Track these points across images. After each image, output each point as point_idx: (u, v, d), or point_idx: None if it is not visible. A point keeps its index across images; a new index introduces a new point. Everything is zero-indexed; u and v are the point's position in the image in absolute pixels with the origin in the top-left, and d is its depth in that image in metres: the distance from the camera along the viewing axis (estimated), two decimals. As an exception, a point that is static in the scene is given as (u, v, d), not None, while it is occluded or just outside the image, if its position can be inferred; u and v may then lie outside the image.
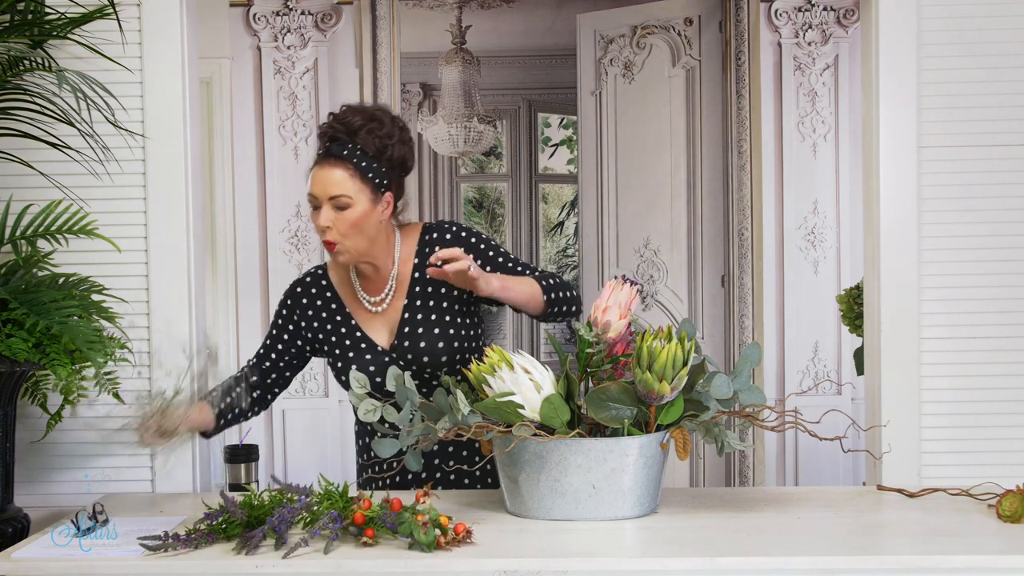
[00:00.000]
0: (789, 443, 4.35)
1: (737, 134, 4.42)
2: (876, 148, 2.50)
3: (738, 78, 4.41)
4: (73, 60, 2.44)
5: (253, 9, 4.32)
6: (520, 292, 2.27)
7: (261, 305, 4.37)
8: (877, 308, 2.50)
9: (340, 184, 2.25)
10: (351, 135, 2.27)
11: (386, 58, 4.39)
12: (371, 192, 2.28)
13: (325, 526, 1.86)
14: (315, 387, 4.39)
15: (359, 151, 2.27)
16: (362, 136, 2.27)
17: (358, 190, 2.26)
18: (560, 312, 2.33)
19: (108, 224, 2.44)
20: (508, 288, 2.24)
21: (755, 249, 4.34)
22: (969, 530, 2.01)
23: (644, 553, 1.88)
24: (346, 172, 2.26)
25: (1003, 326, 2.48)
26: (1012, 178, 2.48)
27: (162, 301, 2.49)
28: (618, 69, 4.82)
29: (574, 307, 2.35)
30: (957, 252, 2.48)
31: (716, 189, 4.59)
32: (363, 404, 2.13)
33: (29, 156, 2.41)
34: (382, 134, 2.29)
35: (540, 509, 2.04)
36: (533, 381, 1.98)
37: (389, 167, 2.31)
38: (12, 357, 2.13)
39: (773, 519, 2.08)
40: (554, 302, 2.31)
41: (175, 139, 2.49)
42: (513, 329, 8.46)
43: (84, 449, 2.50)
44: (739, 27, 4.41)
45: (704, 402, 2.04)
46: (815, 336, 4.33)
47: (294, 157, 4.34)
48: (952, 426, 2.48)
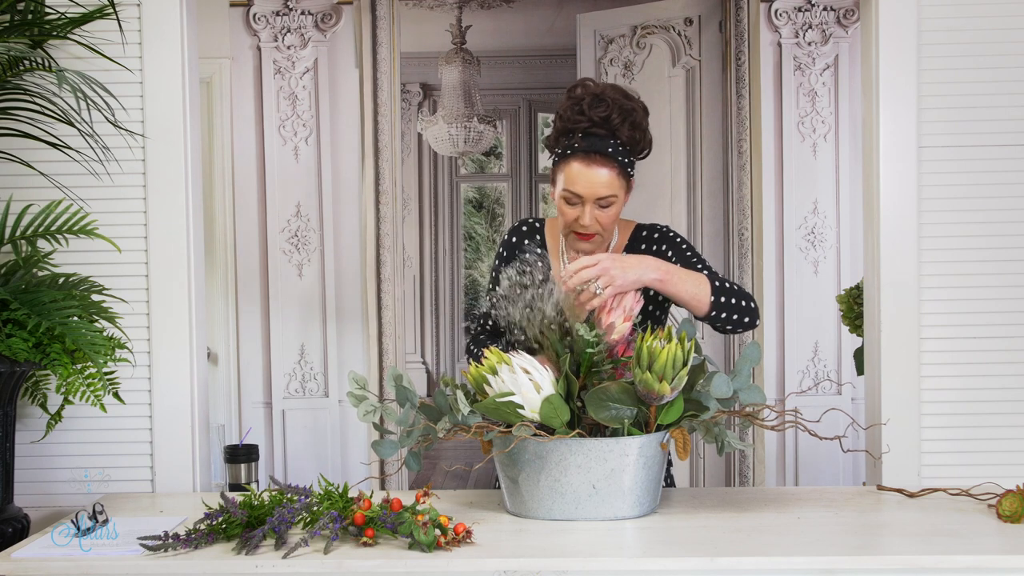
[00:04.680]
0: (789, 443, 4.35)
1: (737, 134, 4.41)
2: (876, 148, 2.50)
3: (738, 78, 4.41)
4: (73, 60, 2.44)
5: (253, 9, 4.32)
6: (682, 285, 2.17)
7: (261, 305, 4.37)
8: (877, 308, 2.50)
9: (609, 184, 2.24)
10: (612, 131, 2.23)
11: (386, 58, 4.39)
12: (626, 184, 2.28)
13: (325, 526, 1.86)
14: (315, 387, 4.39)
15: (621, 147, 2.25)
16: (622, 131, 2.24)
17: (620, 187, 2.27)
18: (731, 320, 2.21)
19: (108, 224, 2.44)
20: (666, 280, 2.16)
21: (755, 249, 4.34)
22: (969, 530, 2.01)
23: (644, 553, 1.88)
24: (612, 171, 2.24)
25: (1003, 326, 2.48)
26: (1012, 178, 2.48)
27: (162, 301, 2.49)
28: (618, 69, 4.82)
29: (747, 317, 2.22)
30: (957, 252, 2.48)
31: (716, 189, 4.59)
32: (362, 405, 2.13)
33: (29, 156, 2.41)
34: (639, 126, 2.26)
35: (540, 509, 2.04)
36: (533, 381, 1.98)
37: (637, 155, 2.31)
38: (12, 357, 2.12)
39: (773, 519, 2.08)
40: (723, 306, 2.19)
41: (175, 139, 2.49)
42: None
43: (84, 449, 2.50)
44: (739, 27, 4.40)
45: (704, 402, 2.04)
46: (815, 336, 4.33)
47: (294, 157, 4.34)
48: (952, 426, 2.48)
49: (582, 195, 2.25)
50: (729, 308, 2.21)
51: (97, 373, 2.16)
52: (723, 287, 2.21)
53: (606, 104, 2.23)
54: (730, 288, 2.22)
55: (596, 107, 2.24)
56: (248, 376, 4.40)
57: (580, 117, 2.24)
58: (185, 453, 2.50)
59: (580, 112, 2.25)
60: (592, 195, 2.24)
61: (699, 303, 2.19)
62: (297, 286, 4.36)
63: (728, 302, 2.20)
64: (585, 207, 2.26)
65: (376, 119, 4.37)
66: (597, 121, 2.23)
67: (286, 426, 4.38)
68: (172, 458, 2.49)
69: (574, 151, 2.25)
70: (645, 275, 2.14)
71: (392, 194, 4.39)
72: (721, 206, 4.57)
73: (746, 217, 4.38)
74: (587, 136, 2.24)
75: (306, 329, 4.37)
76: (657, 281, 2.15)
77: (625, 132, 2.24)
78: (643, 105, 2.31)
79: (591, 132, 2.23)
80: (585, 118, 2.24)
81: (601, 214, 2.27)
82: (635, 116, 2.26)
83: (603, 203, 2.26)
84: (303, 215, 4.33)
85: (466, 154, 6.79)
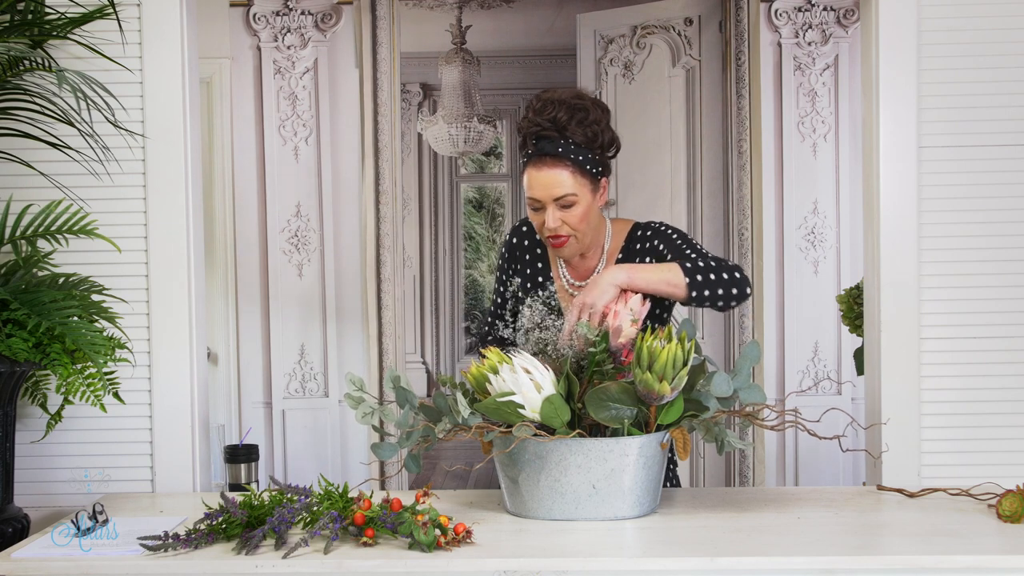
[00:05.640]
0: (789, 443, 4.35)
1: (737, 134, 4.41)
2: (876, 148, 2.50)
3: (738, 78, 4.41)
4: (73, 60, 2.44)
5: (253, 9, 4.32)
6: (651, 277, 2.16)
7: (261, 305, 4.37)
8: (877, 308, 2.50)
9: (563, 184, 2.25)
10: (561, 131, 2.26)
11: (386, 58, 4.39)
12: (590, 183, 2.29)
13: (325, 526, 1.86)
14: (315, 387, 4.39)
15: (572, 145, 2.26)
16: (572, 129, 2.26)
17: (580, 185, 2.27)
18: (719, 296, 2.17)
19: (108, 224, 2.44)
20: (633, 276, 2.16)
21: (755, 249, 4.34)
22: (969, 530, 2.01)
23: (644, 553, 1.88)
24: (565, 170, 2.25)
25: (1003, 326, 2.48)
26: (1012, 178, 2.48)
27: (162, 301, 2.49)
28: (618, 69, 4.82)
29: (734, 288, 2.17)
30: (957, 252, 2.48)
31: (716, 189, 4.59)
32: (360, 407, 2.13)
33: (29, 156, 2.41)
34: (590, 122, 2.27)
35: (540, 509, 2.04)
36: (533, 381, 1.98)
37: (602, 153, 2.31)
38: (12, 357, 2.12)
39: (773, 519, 2.08)
40: (702, 284, 2.17)
41: (175, 139, 2.49)
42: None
43: (84, 449, 2.50)
44: (739, 27, 4.40)
45: (704, 402, 2.04)
46: (815, 336, 4.33)
47: (294, 157, 4.34)
48: (952, 426, 2.48)
49: (540, 199, 2.28)
50: (711, 284, 2.18)
51: (97, 373, 2.16)
52: (697, 267, 2.18)
53: (553, 105, 2.27)
54: (706, 266, 2.19)
55: (544, 111, 2.27)
56: (248, 376, 4.39)
57: (530, 123, 2.28)
58: (185, 453, 2.50)
59: (528, 120, 2.29)
60: (548, 197, 2.26)
61: (676, 288, 2.18)
62: (297, 286, 4.35)
63: (708, 279, 2.18)
64: (547, 210, 2.28)
65: (376, 119, 4.37)
66: (545, 124, 2.26)
67: (286, 426, 4.38)
68: (172, 458, 2.49)
69: (528, 158, 2.29)
70: (615, 280, 2.15)
71: (392, 194, 4.39)
72: (721, 206, 4.57)
73: (746, 217, 4.38)
74: (538, 140, 2.28)
75: (306, 329, 4.37)
76: (626, 281, 2.16)
77: (575, 130, 2.26)
78: (599, 103, 2.33)
79: (542, 135, 2.27)
80: (535, 123, 2.28)
81: (566, 215, 2.27)
82: (584, 113, 2.27)
83: (562, 203, 2.27)
84: (303, 215, 4.33)
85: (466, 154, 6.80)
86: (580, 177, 2.27)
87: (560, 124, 2.25)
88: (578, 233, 2.30)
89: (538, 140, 2.27)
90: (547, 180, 2.26)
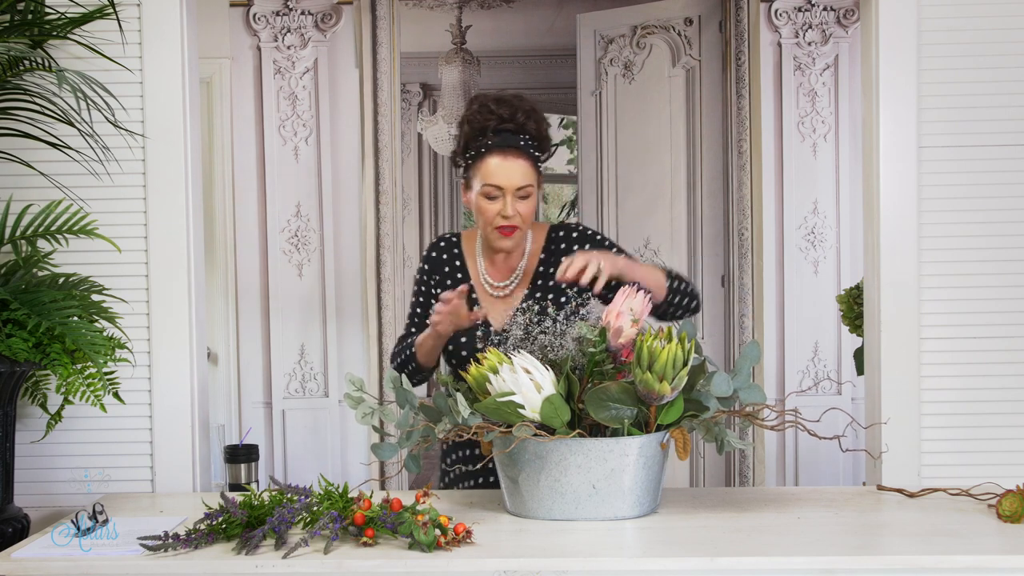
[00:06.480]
0: (789, 443, 4.35)
1: (737, 134, 4.41)
2: (876, 148, 2.50)
3: (738, 78, 4.41)
4: (73, 60, 2.44)
5: (253, 9, 4.32)
6: (644, 275, 2.31)
7: (261, 305, 4.37)
8: (877, 308, 2.50)
9: (525, 175, 2.35)
10: (519, 127, 2.36)
11: (386, 58, 4.39)
12: (539, 180, 2.40)
13: (325, 526, 1.86)
14: (315, 387, 4.39)
15: (531, 141, 2.38)
16: (529, 127, 2.37)
17: (534, 179, 2.38)
18: (680, 305, 2.39)
19: (108, 224, 2.44)
20: (633, 269, 2.29)
21: (755, 249, 4.34)
22: (969, 530, 2.01)
23: (644, 553, 1.88)
24: (527, 163, 2.36)
25: (1003, 326, 2.48)
26: (1012, 178, 2.48)
27: (162, 301, 2.49)
28: (618, 69, 4.82)
29: (695, 302, 2.41)
30: (957, 252, 2.48)
31: (716, 189, 4.59)
32: (360, 407, 2.13)
33: (29, 156, 2.41)
34: (542, 122, 2.40)
35: (540, 509, 2.04)
36: (533, 381, 1.98)
37: (544, 154, 2.43)
38: (12, 357, 2.12)
39: (773, 519, 2.08)
40: (676, 291, 2.38)
41: (175, 139, 2.49)
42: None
43: (84, 449, 2.50)
44: (739, 27, 4.40)
45: (704, 402, 2.04)
46: (815, 336, 4.33)
47: (294, 157, 4.34)
48: (952, 426, 2.48)
49: (502, 186, 2.34)
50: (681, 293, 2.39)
51: (97, 373, 2.16)
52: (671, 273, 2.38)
53: (509, 103, 2.38)
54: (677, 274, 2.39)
55: (501, 106, 2.37)
56: (248, 376, 4.39)
57: (489, 115, 2.36)
58: (185, 453, 2.50)
59: (489, 111, 2.37)
60: (511, 185, 2.34)
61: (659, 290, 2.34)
62: (297, 286, 4.35)
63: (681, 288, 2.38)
64: (507, 198, 2.35)
65: (376, 119, 4.37)
66: (505, 117, 2.35)
67: (286, 426, 4.38)
68: (172, 458, 2.49)
69: (488, 148, 2.36)
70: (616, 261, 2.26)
71: (392, 194, 4.39)
72: (721, 206, 4.57)
73: (746, 217, 4.38)
74: (499, 132, 2.36)
75: (306, 329, 4.37)
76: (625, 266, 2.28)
77: (532, 127, 2.37)
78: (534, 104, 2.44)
79: (502, 129, 2.36)
80: (494, 116, 2.36)
81: (521, 206, 2.36)
82: (537, 114, 2.41)
83: (521, 194, 2.35)
84: (303, 215, 4.33)
85: (466, 154, 6.78)
86: (535, 171, 2.38)
87: (519, 121, 2.36)
88: (524, 225, 2.39)
89: (497, 132, 2.35)
90: (511, 169, 2.34)
